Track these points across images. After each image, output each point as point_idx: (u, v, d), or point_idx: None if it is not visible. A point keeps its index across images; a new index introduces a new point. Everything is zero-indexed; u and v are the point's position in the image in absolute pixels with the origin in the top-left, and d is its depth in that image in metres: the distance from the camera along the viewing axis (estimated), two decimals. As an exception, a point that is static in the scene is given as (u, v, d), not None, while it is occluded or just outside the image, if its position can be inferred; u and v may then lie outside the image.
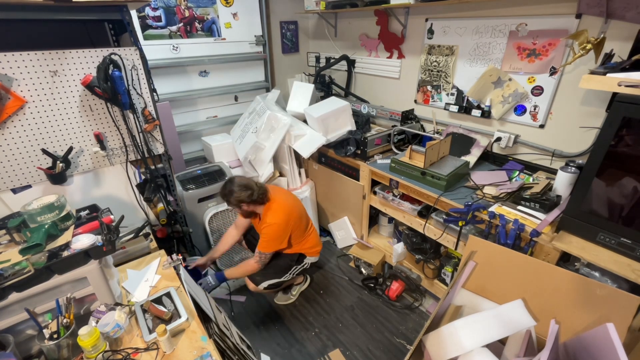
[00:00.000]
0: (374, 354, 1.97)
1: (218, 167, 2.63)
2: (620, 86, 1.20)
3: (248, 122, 2.68)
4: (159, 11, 2.42)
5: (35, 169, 1.59)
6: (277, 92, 2.94)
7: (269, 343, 2.04)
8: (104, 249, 1.20)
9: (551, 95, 1.83)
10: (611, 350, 0.98)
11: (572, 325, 1.27)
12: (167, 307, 1.31)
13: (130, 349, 1.15)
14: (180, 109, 2.76)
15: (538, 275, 1.35)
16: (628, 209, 1.32)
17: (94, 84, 1.53)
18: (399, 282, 2.29)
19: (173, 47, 2.56)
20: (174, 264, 1.56)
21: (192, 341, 1.20)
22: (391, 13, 2.48)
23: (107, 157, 1.77)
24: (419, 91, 2.51)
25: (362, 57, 2.87)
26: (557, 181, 1.67)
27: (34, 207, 1.21)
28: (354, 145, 2.35)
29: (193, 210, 2.41)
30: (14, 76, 1.43)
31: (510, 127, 2.08)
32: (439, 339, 1.27)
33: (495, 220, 1.62)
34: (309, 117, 2.47)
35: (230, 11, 2.74)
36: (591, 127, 1.72)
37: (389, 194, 2.24)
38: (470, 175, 1.97)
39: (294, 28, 3.18)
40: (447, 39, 2.21)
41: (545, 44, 1.78)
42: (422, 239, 2.22)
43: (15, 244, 1.21)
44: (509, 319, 1.26)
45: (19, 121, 1.49)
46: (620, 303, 1.17)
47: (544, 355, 1.01)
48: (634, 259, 1.30)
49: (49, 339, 1.09)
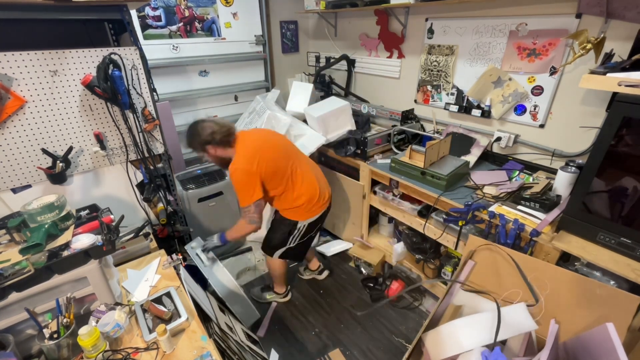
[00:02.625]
0: (374, 354, 1.97)
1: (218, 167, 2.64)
2: (620, 86, 1.20)
3: (248, 122, 2.68)
4: (158, 11, 2.42)
5: (35, 168, 1.59)
6: (277, 91, 2.94)
7: (269, 343, 2.04)
8: (104, 248, 1.20)
9: (551, 95, 1.83)
10: (611, 350, 0.98)
11: (572, 325, 1.27)
12: (167, 307, 1.31)
13: (130, 349, 1.15)
14: (180, 109, 2.75)
15: (538, 275, 1.35)
16: (628, 208, 1.32)
17: (94, 83, 1.53)
18: (399, 282, 2.29)
19: (173, 47, 2.56)
20: (174, 263, 1.56)
21: (192, 341, 1.20)
22: (391, 13, 2.48)
23: (107, 157, 1.77)
24: (419, 91, 2.51)
25: (362, 56, 2.87)
26: (557, 181, 1.67)
27: (34, 206, 1.21)
28: (354, 145, 2.35)
29: (193, 210, 2.41)
30: (14, 76, 1.43)
31: (510, 126, 2.08)
32: (439, 338, 1.27)
33: (495, 220, 1.62)
34: (308, 116, 2.47)
35: (230, 11, 2.74)
36: (591, 127, 1.72)
37: (389, 194, 2.24)
38: (470, 175, 1.97)
39: (294, 28, 3.18)
40: (447, 38, 2.21)
41: (545, 44, 1.78)
42: (422, 239, 2.22)
43: (15, 244, 1.21)
44: (511, 321, 1.25)
45: (19, 121, 1.49)
46: (620, 303, 1.17)
47: (544, 355, 1.01)
48: (633, 259, 1.30)
49: (49, 339, 1.09)
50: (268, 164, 1.74)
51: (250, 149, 1.74)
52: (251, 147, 1.75)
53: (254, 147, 1.76)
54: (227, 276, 2.05)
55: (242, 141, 1.77)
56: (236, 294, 2.05)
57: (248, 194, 1.72)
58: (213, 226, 2.56)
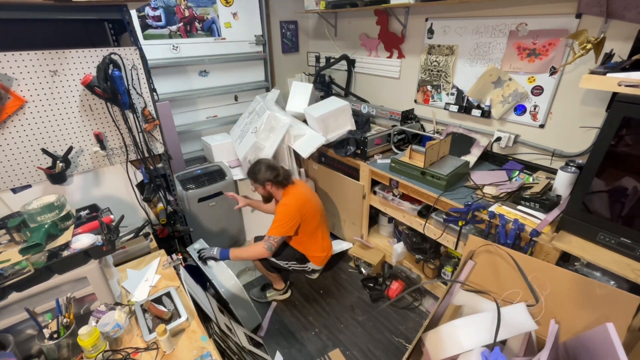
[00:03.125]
0: (373, 354, 1.97)
1: (218, 167, 2.63)
2: (620, 86, 1.20)
3: (248, 122, 2.68)
4: (158, 11, 2.42)
5: (35, 168, 1.59)
6: (276, 91, 2.94)
7: (269, 343, 2.04)
8: (104, 248, 1.20)
9: (551, 95, 1.83)
10: (611, 350, 0.98)
11: (572, 325, 1.27)
12: (167, 307, 1.31)
13: (130, 349, 1.15)
14: (180, 109, 2.76)
15: (538, 275, 1.35)
16: (628, 208, 1.32)
17: (93, 83, 1.53)
18: (399, 282, 2.29)
19: (173, 47, 2.56)
20: (174, 263, 1.56)
21: (192, 341, 1.20)
22: (391, 13, 2.48)
23: (107, 156, 1.77)
24: (419, 91, 2.51)
25: (362, 56, 2.87)
26: (557, 181, 1.67)
27: (34, 206, 1.21)
28: (354, 145, 2.35)
29: (193, 210, 2.41)
30: (14, 76, 1.43)
31: (510, 126, 2.08)
32: (439, 338, 1.27)
33: (495, 220, 1.62)
34: (308, 117, 2.47)
35: (230, 11, 2.74)
36: (591, 127, 1.72)
37: (389, 194, 2.24)
38: (470, 175, 1.97)
39: (294, 28, 3.18)
40: (447, 38, 2.21)
41: (545, 44, 1.78)
42: (422, 239, 2.22)
43: (15, 244, 1.21)
44: (511, 321, 1.25)
45: (19, 121, 1.49)
46: (620, 303, 1.17)
47: (544, 355, 1.01)
48: (633, 259, 1.30)
49: (49, 339, 1.09)
50: (309, 211, 2.08)
51: (302, 194, 2.09)
52: (302, 193, 2.10)
53: (304, 193, 2.12)
54: (232, 279, 2.05)
55: (295, 186, 2.12)
56: (240, 297, 2.05)
57: (286, 226, 1.98)
58: (213, 226, 2.56)
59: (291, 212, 1.99)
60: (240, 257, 2.06)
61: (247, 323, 2.05)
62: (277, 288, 2.38)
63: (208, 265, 2.03)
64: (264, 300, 2.35)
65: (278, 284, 2.37)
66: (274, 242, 1.98)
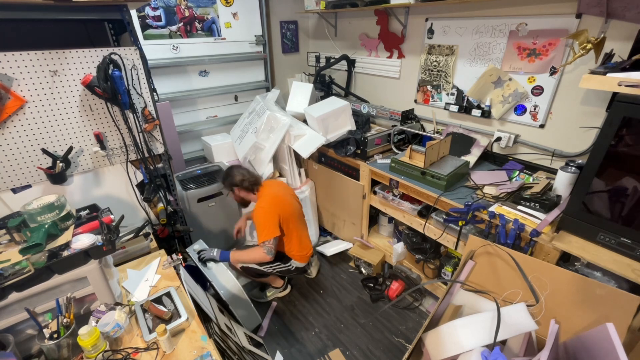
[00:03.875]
0: (373, 354, 1.97)
1: (218, 167, 2.64)
2: (620, 86, 1.20)
3: (248, 122, 2.68)
4: (158, 11, 2.42)
5: (35, 168, 1.59)
6: (277, 92, 2.94)
7: (269, 343, 2.04)
8: (104, 248, 1.20)
9: (551, 95, 1.83)
10: (611, 350, 0.98)
11: (572, 325, 1.27)
12: (167, 307, 1.31)
13: (130, 349, 1.15)
14: (180, 109, 2.76)
15: (538, 275, 1.35)
16: (628, 208, 1.32)
17: (94, 83, 1.53)
18: (399, 282, 2.29)
19: (173, 47, 2.56)
20: (174, 263, 1.56)
21: (192, 341, 1.21)
22: (391, 13, 2.48)
23: (107, 157, 1.77)
24: (419, 91, 2.51)
25: (362, 57, 2.87)
26: (557, 181, 1.67)
27: (34, 206, 1.21)
28: (354, 145, 2.35)
29: (193, 210, 2.41)
30: (14, 76, 1.43)
31: (510, 127, 2.08)
32: (439, 338, 1.27)
33: (495, 220, 1.62)
34: (308, 117, 2.47)
35: (230, 11, 2.74)
36: (591, 127, 1.72)
37: (389, 194, 2.24)
38: (470, 175, 1.97)
39: (294, 28, 3.18)
40: (447, 38, 2.21)
41: (545, 44, 1.78)
42: (422, 239, 2.22)
43: (15, 244, 1.21)
44: (511, 321, 1.25)
45: (19, 121, 1.49)
46: (620, 303, 1.17)
47: (544, 355, 1.01)
48: (633, 259, 1.30)
49: (49, 339, 1.09)
50: (285, 209, 2.08)
51: (273, 195, 2.10)
52: (273, 194, 2.10)
53: (275, 194, 2.12)
54: (232, 280, 2.05)
55: (265, 189, 2.13)
56: (240, 298, 2.05)
57: (270, 227, 1.99)
58: (213, 226, 2.56)
59: (266, 213, 2.00)
60: (240, 260, 2.08)
61: (247, 323, 2.06)
62: (276, 286, 2.38)
63: (208, 267, 2.03)
64: (264, 300, 2.35)
65: (276, 282, 2.37)
66: (271, 246, 1.98)
